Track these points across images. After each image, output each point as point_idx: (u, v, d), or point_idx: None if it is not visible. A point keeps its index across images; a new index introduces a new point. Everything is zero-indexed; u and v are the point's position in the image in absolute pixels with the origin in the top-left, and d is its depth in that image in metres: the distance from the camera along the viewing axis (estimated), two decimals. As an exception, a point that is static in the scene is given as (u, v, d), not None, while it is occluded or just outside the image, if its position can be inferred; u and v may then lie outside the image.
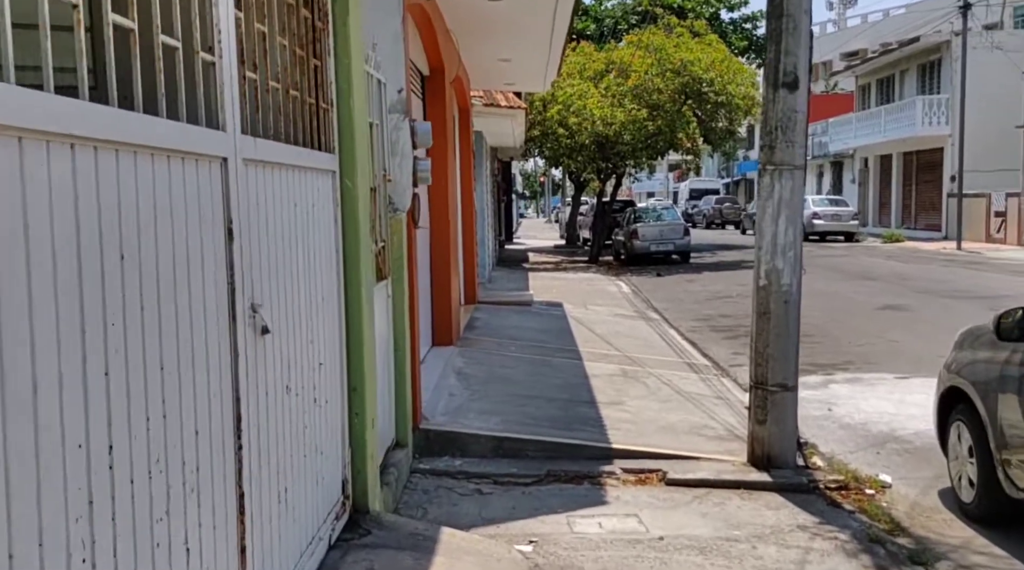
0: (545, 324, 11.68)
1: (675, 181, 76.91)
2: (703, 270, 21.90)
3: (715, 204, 47.68)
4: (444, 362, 8.12)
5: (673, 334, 11.85)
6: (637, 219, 25.02)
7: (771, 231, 5.90)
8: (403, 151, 5.88)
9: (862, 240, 31.44)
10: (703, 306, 14.89)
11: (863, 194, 37.40)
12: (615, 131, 22.03)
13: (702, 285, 18.28)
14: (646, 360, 9.47)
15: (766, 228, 5.93)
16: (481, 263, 17.46)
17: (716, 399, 7.91)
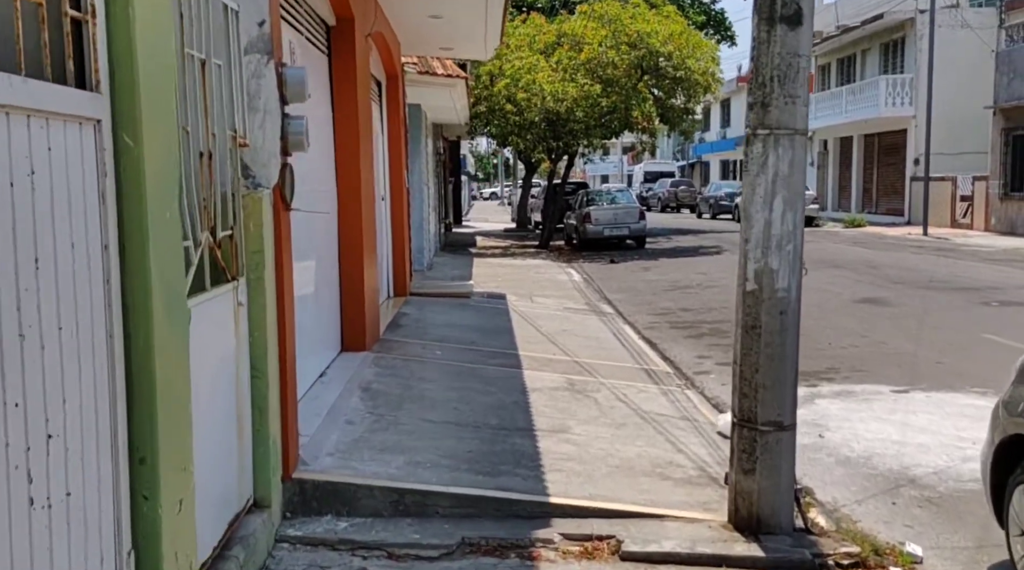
0: (483, 321, 10.18)
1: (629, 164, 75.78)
2: (659, 256, 20.57)
3: (670, 187, 46.51)
4: (350, 375, 6.57)
5: (629, 332, 10.42)
6: (590, 202, 23.60)
7: (762, 218, 4.46)
8: (266, 106, 4.31)
9: (822, 225, 30.42)
10: (661, 298, 13.50)
11: (822, 177, 36.45)
12: (566, 108, 20.53)
13: (659, 273, 16.92)
14: (598, 367, 8.02)
15: (755, 214, 4.48)
16: (419, 249, 15.92)
17: (682, 420, 6.48)
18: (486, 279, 15.28)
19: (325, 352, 6.79)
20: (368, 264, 7.77)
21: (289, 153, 4.47)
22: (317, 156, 6.71)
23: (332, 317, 7.16)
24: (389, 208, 11.29)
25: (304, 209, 4.75)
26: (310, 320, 6.16)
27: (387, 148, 11.22)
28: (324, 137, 7.10)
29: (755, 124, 4.47)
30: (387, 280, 11.25)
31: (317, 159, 6.73)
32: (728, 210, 35.96)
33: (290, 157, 4.53)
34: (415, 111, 15.94)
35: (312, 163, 6.48)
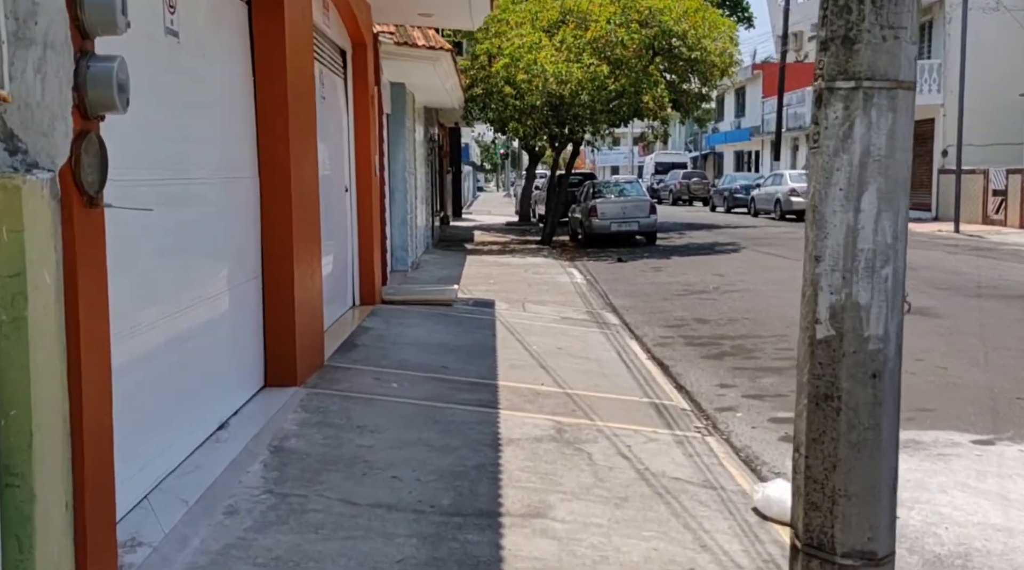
0: (462, 337, 8.54)
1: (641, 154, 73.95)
2: (672, 254, 18.88)
3: (682, 179, 44.72)
4: (262, 425, 4.95)
5: (635, 349, 8.77)
6: (596, 194, 21.91)
7: (843, 223, 2.81)
8: (48, 38, 2.68)
9: (843, 220, 28.60)
10: (674, 304, 11.83)
11: (842, 170, 34.59)
12: (571, 91, 18.83)
13: (671, 274, 15.24)
14: (596, 403, 6.38)
15: (831, 216, 2.84)
16: (401, 246, 14.33)
17: (703, 489, 4.85)
18: (477, 281, 13.64)
19: (231, 392, 5.17)
20: (306, 272, 6.14)
21: (93, 114, 2.83)
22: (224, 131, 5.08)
23: (247, 344, 5.54)
24: (355, 201, 9.66)
25: (122, 206, 3.13)
26: (200, 352, 4.54)
27: (353, 130, 9.58)
28: (241, 108, 5.47)
29: (832, 73, 2.82)
30: (351, 286, 9.63)
31: (223, 137, 5.10)
32: (743, 203, 34.23)
33: (100, 121, 2.90)
34: (399, 91, 14.31)
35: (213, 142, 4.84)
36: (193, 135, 4.56)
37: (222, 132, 5.16)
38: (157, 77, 4.04)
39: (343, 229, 9.29)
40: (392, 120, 14.27)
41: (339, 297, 9.03)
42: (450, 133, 31.09)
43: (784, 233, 23.63)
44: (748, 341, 9.15)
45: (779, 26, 47.64)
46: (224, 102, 5.17)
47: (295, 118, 5.88)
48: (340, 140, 9.22)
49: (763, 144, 44.90)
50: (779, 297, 12.03)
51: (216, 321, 4.93)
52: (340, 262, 9.16)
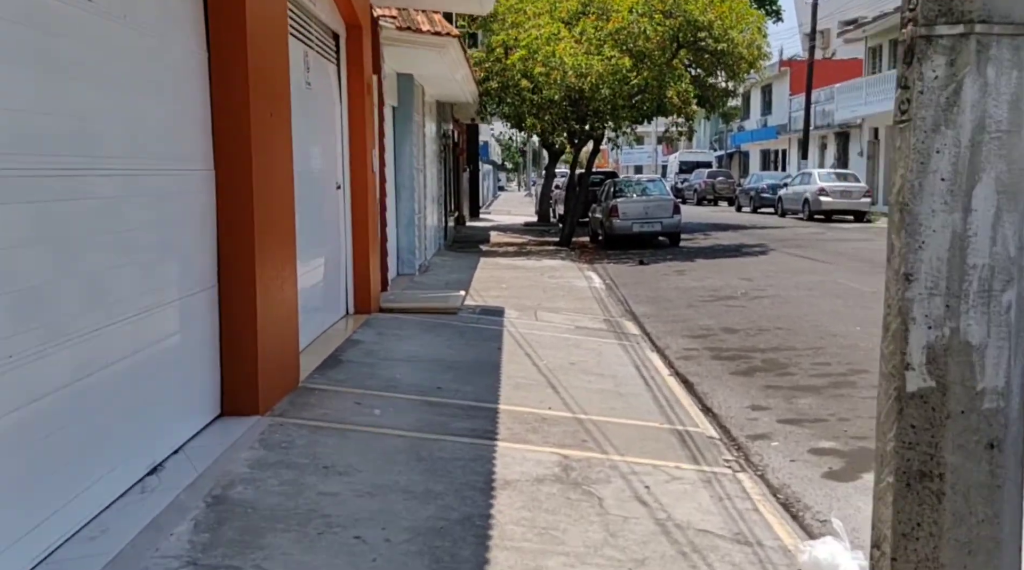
0: (463, 350, 7.74)
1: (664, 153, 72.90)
2: (696, 256, 17.99)
3: (707, 178, 43.67)
4: (205, 467, 4.17)
5: (657, 364, 7.94)
6: (618, 193, 21.05)
7: (948, 227, 1.99)
8: None
9: (874, 220, 27.58)
10: (699, 312, 10.97)
11: (872, 168, 33.51)
12: (590, 84, 17.98)
13: (696, 278, 14.36)
14: (611, 430, 5.57)
15: (929, 216, 2.02)
16: (408, 248, 13.57)
17: (737, 545, 4.02)
18: (488, 286, 12.85)
19: (173, 426, 4.40)
20: (272, 280, 5.37)
21: None
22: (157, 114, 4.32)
23: (197, 366, 4.77)
24: (349, 199, 8.89)
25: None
26: (127, 380, 3.78)
27: (347, 121, 8.82)
28: (189, 88, 4.70)
29: (930, 14, 2.00)
30: (344, 293, 8.87)
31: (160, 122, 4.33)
32: (770, 203, 33.20)
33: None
34: (406, 83, 13.55)
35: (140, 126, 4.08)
36: (107, 116, 3.78)
37: (157, 116, 4.39)
38: (57, 45, 3.27)
39: (334, 230, 8.53)
40: (399, 114, 13.52)
41: (329, 306, 8.27)
42: (467, 130, 30.32)
43: (813, 234, 22.65)
44: (781, 354, 8.29)
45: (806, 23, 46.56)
46: (163, 81, 4.40)
47: (261, 102, 5.11)
48: (331, 132, 8.46)
49: (790, 143, 43.79)
50: (812, 304, 11.14)
51: (152, 342, 4.16)
52: (331, 267, 8.40)
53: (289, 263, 5.74)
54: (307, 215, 7.43)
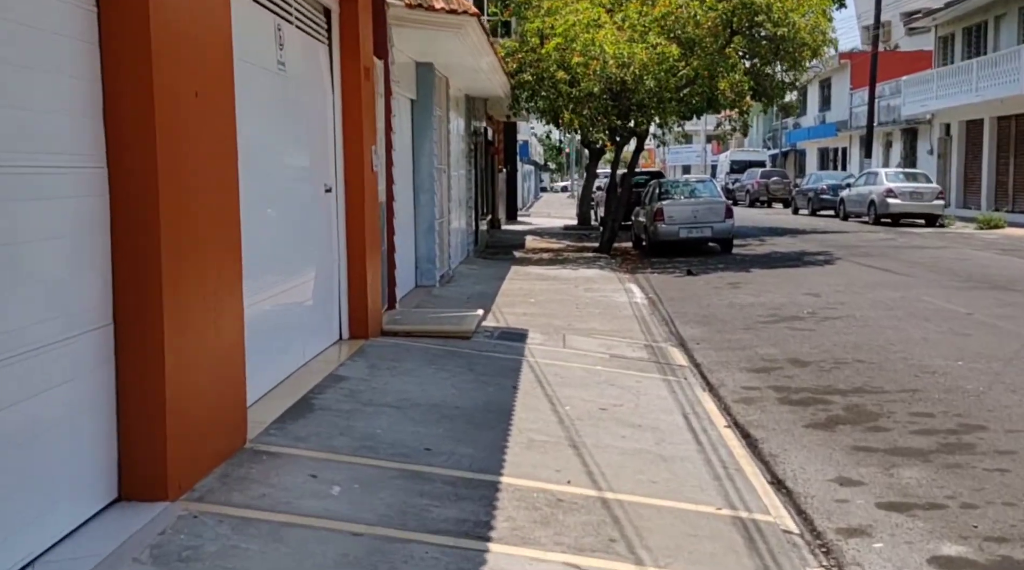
0: (469, 391, 6.42)
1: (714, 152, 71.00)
2: (752, 266, 16.49)
3: (760, 178, 41.88)
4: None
5: (710, 409, 6.55)
6: (663, 195, 19.60)
7: None
8: None
9: (948, 225, 25.76)
10: (759, 336, 9.53)
11: (943, 168, 31.57)
12: (633, 75, 16.57)
13: (753, 293, 12.89)
14: (648, 520, 4.21)
15: None
16: (427, 258, 12.36)
17: None
18: (514, 301, 11.54)
19: (37, 521, 3.15)
20: (197, 312, 4.10)
21: None
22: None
23: (81, 434, 3.52)
24: (343, 204, 7.64)
25: None
26: None
27: (340, 113, 7.56)
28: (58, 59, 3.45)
29: None
30: (337, 315, 7.61)
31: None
32: (831, 206, 31.43)
33: None
34: (426, 73, 12.31)
35: None
36: None
37: (16, 92, 3.15)
38: None
39: (323, 241, 7.28)
40: (417, 107, 12.28)
41: (313, 331, 7.02)
42: (504, 128, 29.07)
43: (883, 241, 20.98)
44: (867, 398, 6.84)
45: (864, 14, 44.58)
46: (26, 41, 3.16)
47: (175, 76, 3.84)
48: (319, 125, 7.20)
49: (851, 140, 41.87)
50: (896, 328, 9.63)
51: (21, 399, 2.94)
52: (319, 284, 7.15)
53: (228, 288, 4.46)
54: (279, 223, 6.19)
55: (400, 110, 11.30)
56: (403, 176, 11.31)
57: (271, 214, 5.92)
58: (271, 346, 5.84)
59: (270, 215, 5.89)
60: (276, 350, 5.95)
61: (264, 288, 5.68)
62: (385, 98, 9.16)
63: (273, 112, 6.02)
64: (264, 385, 5.65)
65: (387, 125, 9.19)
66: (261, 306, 5.57)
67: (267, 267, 5.80)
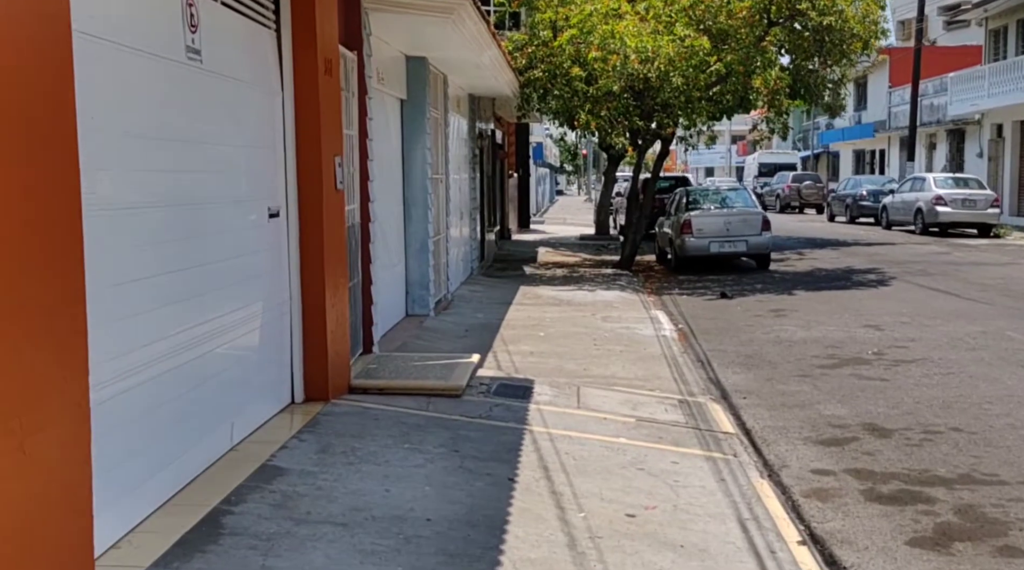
0: (448, 490, 4.90)
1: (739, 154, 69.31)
2: (794, 286, 14.93)
3: (792, 182, 40.27)
4: None
5: (775, 510, 5.02)
6: (692, 205, 18.07)
7: None
8: None
9: (1004, 235, 24.10)
10: (819, 387, 7.99)
11: (994, 172, 29.87)
12: (658, 72, 15.07)
13: (802, 322, 11.34)
14: None
15: None
16: (419, 283, 10.94)
17: None
18: (520, 335, 10.06)
19: None
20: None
21: None
22: None
23: None
24: (296, 231, 6.18)
25: None
26: None
27: (293, 118, 6.11)
28: None
29: None
30: (287, 370, 6.15)
31: None
32: (871, 213, 29.81)
33: None
34: (417, 69, 10.87)
35: None
36: None
37: None
38: None
39: (265, 279, 5.82)
40: (408, 109, 10.83)
41: (255, 396, 5.58)
42: (516, 130, 27.61)
43: (937, 256, 19.36)
44: (981, 492, 5.30)
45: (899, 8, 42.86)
46: None
47: None
48: (258, 133, 5.75)
49: (889, 142, 40.23)
50: (989, 378, 8.07)
51: None
52: (264, 334, 5.72)
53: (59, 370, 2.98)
54: (191, 261, 4.72)
55: (385, 112, 9.86)
56: (388, 189, 9.86)
57: (172, 251, 4.45)
58: (172, 433, 4.38)
59: (169, 252, 4.42)
60: (180, 438, 4.49)
61: (154, 355, 4.21)
62: (359, 98, 7.71)
63: (174, 116, 4.55)
64: (155, 497, 4.18)
65: (361, 131, 7.73)
66: (160, 368, 4.12)
67: (167, 321, 4.34)
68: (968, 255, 19.22)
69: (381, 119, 9.49)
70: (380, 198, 9.08)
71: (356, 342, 7.69)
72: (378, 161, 8.95)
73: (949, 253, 19.74)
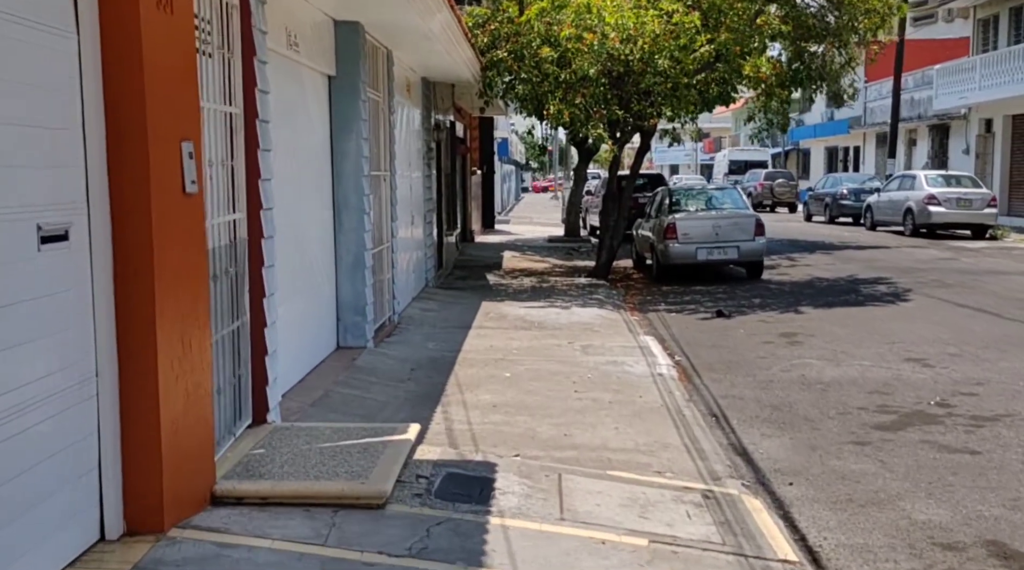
0: None
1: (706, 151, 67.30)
2: (798, 300, 12.69)
3: (764, 180, 38.19)
4: None
5: None
6: (675, 206, 15.79)
7: None
8: None
9: (1002, 236, 22.12)
10: (890, 467, 5.68)
11: (981, 169, 27.92)
12: (642, 53, 12.76)
13: (825, 353, 9.07)
14: None
15: None
16: (354, 307, 8.63)
17: None
18: (481, 375, 7.69)
19: None
20: None
21: None
22: None
23: None
24: (106, 263, 3.74)
25: None
26: None
27: (99, 81, 3.67)
28: None
29: None
30: (98, 488, 3.71)
31: None
32: (851, 212, 27.83)
33: None
34: (350, 37, 8.48)
35: None
36: None
37: None
38: None
39: (48, 341, 3.39)
40: (338, 87, 8.41)
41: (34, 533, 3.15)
42: (480, 124, 25.17)
43: (943, 261, 17.25)
44: None
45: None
46: None
47: None
48: (26, 100, 3.31)
49: (865, 138, 38.31)
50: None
51: None
52: (50, 428, 3.30)
53: None
54: None
55: (303, 89, 7.45)
56: (307, 191, 7.45)
57: None
58: None
59: None
60: None
61: None
62: (244, 61, 5.27)
63: None
64: None
65: (249, 109, 5.29)
66: None
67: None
68: (977, 261, 17.11)
69: (293, 97, 7.06)
70: (291, 203, 6.67)
71: (242, 411, 5.28)
72: (287, 153, 6.53)
73: (955, 258, 17.63)
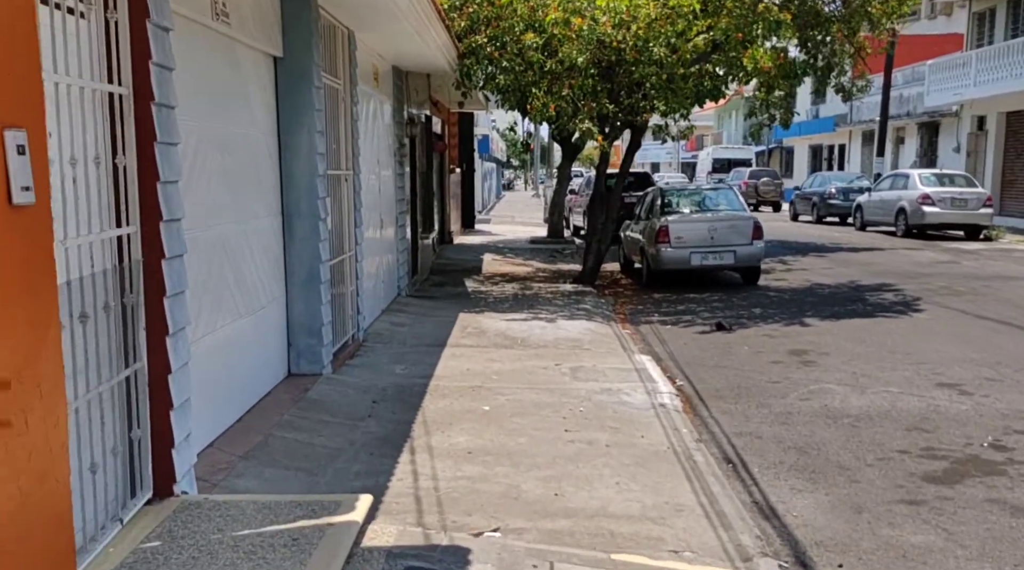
0: None
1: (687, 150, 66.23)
2: (801, 310, 11.51)
3: (749, 179, 37.09)
4: None
5: None
6: (667, 207, 14.59)
7: None
8: None
9: (997, 237, 21.09)
10: (958, 541, 4.49)
11: (973, 167, 26.91)
12: (634, 42, 11.53)
13: (844, 376, 7.87)
14: None
15: None
16: (308, 327, 7.30)
17: None
18: (456, 408, 6.44)
19: None
20: None
21: None
22: None
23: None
24: None
25: None
26: None
27: None
28: None
29: None
30: None
31: None
32: (840, 212, 26.84)
33: None
34: (299, 11, 7.20)
35: None
36: None
37: None
38: None
39: None
40: (285, 72, 7.12)
41: None
42: (459, 120, 23.88)
43: (944, 265, 16.14)
44: None
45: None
46: None
47: None
48: None
49: (851, 136, 37.28)
50: None
51: None
52: None
53: None
54: None
55: (239, 71, 6.16)
56: (237, 195, 6.16)
57: None
58: None
59: None
60: None
61: None
62: (132, 25, 3.97)
63: None
64: None
65: (141, 89, 4.00)
66: None
67: None
68: (980, 265, 16.00)
69: (223, 79, 5.77)
70: (222, 210, 5.38)
71: (139, 483, 4.00)
72: (217, 149, 5.24)
73: (956, 262, 16.53)
